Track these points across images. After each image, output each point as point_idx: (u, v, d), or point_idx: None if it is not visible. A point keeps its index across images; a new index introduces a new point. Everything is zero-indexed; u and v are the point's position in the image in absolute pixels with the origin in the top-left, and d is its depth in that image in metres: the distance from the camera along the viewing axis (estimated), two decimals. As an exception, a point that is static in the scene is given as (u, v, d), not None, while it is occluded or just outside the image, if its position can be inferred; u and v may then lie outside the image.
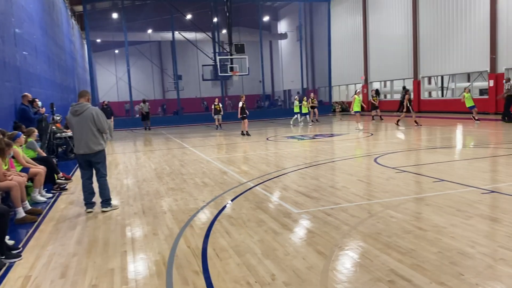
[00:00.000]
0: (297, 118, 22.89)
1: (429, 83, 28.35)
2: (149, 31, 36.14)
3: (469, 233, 4.56)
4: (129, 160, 12.21)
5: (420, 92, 27.08)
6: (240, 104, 18.04)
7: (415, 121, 18.16)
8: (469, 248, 4.13)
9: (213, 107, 23.09)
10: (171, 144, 16.14)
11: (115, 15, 30.81)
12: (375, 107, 23.24)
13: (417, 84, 26.85)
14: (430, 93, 28.82)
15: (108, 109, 18.25)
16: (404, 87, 27.69)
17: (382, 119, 22.74)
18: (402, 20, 28.01)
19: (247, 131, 18.00)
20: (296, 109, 22.73)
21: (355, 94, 18.36)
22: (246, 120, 18.01)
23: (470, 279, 3.48)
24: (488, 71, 21.91)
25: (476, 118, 18.14)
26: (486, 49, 21.81)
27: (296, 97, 24.45)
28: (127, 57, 28.25)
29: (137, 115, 27.59)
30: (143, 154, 13.54)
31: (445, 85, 27.84)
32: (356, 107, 17.88)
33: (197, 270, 4.00)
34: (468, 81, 25.35)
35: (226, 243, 4.69)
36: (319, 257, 4.13)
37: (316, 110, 23.70)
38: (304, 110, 22.29)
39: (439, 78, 27.36)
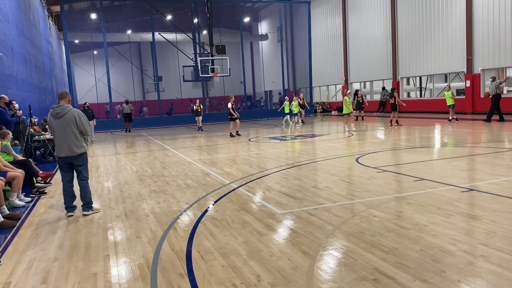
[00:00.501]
0: (287, 119, 22.84)
1: (408, 83, 28.83)
2: (129, 31, 35.75)
3: (450, 231, 4.65)
4: (109, 163, 12.05)
5: (399, 92, 27.50)
6: (230, 105, 17.81)
7: (396, 121, 18.44)
8: (450, 246, 4.21)
9: (194, 108, 22.95)
10: (152, 146, 15.99)
11: (93, 16, 30.40)
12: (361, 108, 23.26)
13: (396, 84, 27.25)
14: (408, 94, 29.30)
15: (89, 111, 17.95)
16: (383, 88, 28.12)
17: (363, 120, 23.00)
18: (381, 21, 28.42)
19: (237, 132, 17.92)
20: (287, 110, 22.53)
21: (346, 95, 18.11)
22: (238, 121, 17.88)
23: (452, 276, 3.55)
24: (465, 71, 22.40)
25: (452, 117, 18.59)
26: (463, 50, 22.31)
27: (286, 97, 24.29)
28: (106, 58, 27.89)
29: (118, 116, 27.24)
30: (123, 157, 13.38)
31: (423, 85, 28.35)
32: (346, 109, 17.49)
33: (181, 273, 3.97)
34: (446, 81, 25.86)
35: (210, 245, 4.67)
36: (304, 257, 4.15)
37: (303, 111, 23.65)
38: (295, 110, 22.04)
39: (418, 78, 27.85)
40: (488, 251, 4.01)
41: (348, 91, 19.56)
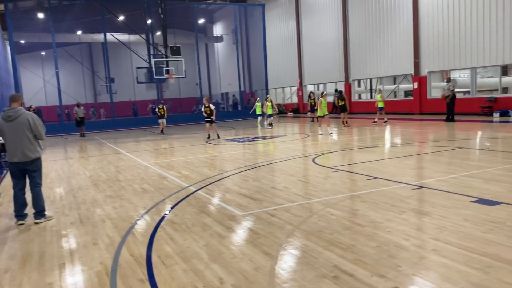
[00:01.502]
0: (262, 120, 22.57)
1: (359, 85, 29.73)
2: (79, 32, 34.57)
3: (403, 227, 4.85)
4: (61, 168, 11.61)
5: (351, 94, 28.33)
6: (213, 106, 17.10)
7: (346, 121, 19.02)
8: (404, 241, 4.40)
9: (157, 110, 22.17)
10: (105, 150, 15.56)
11: (41, 15, 29.14)
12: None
13: (348, 87, 28.04)
14: (360, 95, 30.22)
15: (37, 114, 17.16)
16: (336, 89, 28.82)
17: (318, 121, 23.19)
18: (333, 25, 29.16)
19: (217, 134, 17.18)
20: (258, 111, 22.16)
21: (321, 96, 17.37)
22: (214, 124, 17.16)
23: (406, 270, 3.72)
24: (412, 74, 23.41)
25: (378, 119, 19.29)
26: (410, 54, 23.31)
27: (258, 98, 23.87)
28: (56, 59, 26.79)
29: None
30: (76, 161, 12.93)
31: (373, 87, 29.32)
32: (321, 111, 16.95)
33: (142, 279, 3.91)
34: (395, 83, 26.89)
35: (171, 249, 4.62)
36: (266, 258, 4.20)
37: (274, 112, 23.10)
38: (269, 111, 21.48)
39: (368, 81, 28.79)
40: (439, 245, 4.23)
41: (325, 92, 19.52)
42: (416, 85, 23.32)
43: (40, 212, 6.09)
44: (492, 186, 6.45)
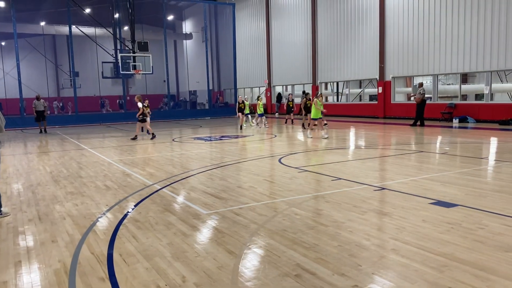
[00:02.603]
0: (250, 119, 22.25)
1: (326, 88, 30.21)
2: (43, 23, 33.45)
3: (365, 227, 4.97)
4: (20, 163, 11.19)
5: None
6: (140, 104, 16.29)
7: (308, 124, 18.38)
8: (365, 241, 4.51)
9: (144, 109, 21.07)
10: (67, 146, 15.12)
11: (2, 3, 27.99)
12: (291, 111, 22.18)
13: (315, 89, 28.42)
14: (326, 98, 30.66)
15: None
16: (304, 92, 29.14)
17: (293, 123, 22.85)
18: (302, 28, 29.49)
19: (151, 132, 16.76)
20: (260, 111, 20.91)
21: (316, 97, 16.34)
22: (147, 123, 16.52)
23: (366, 269, 3.81)
24: (378, 78, 24.01)
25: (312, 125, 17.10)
26: (376, 59, 23.91)
27: (261, 97, 22.43)
28: (17, 51, 25.74)
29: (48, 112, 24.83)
30: (36, 156, 12.50)
31: (340, 90, 29.87)
32: (317, 113, 15.91)
33: (102, 277, 3.83)
34: (360, 87, 27.48)
35: (133, 247, 4.55)
36: (230, 256, 4.20)
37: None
38: (259, 111, 20.67)
39: (335, 84, 29.29)
40: (398, 245, 4.36)
41: (319, 92, 17.69)
42: (380, 90, 23.92)
43: (-5, 208, 5.87)
44: (449, 189, 6.71)
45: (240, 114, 20.80)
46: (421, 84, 19.34)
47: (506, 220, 5.09)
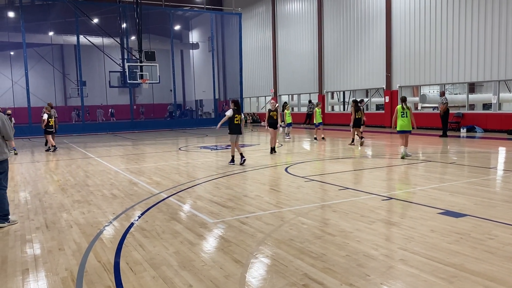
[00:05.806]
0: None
1: (332, 97, 30.22)
2: (51, 33, 33.84)
3: (373, 237, 4.93)
4: (27, 171, 11.26)
5: (324, 106, 28.73)
6: (45, 116, 15.42)
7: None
8: (373, 251, 4.47)
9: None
10: (74, 154, 15.20)
11: (11, 14, 28.40)
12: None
13: (321, 98, 28.43)
14: (333, 107, 30.70)
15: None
16: (310, 101, 29.23)
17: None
18: (309, 38, 29.59)
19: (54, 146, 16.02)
20: (288, 120, 19.27)
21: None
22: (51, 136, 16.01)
23: (375, 279, 3.77)
24: (384, 88, 23.97)
25: (316, 137, 17.64)
26: (383, 68, 23.89)
27: (287, 105, 20.73)
28: (25, 60, 26.05)
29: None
30: (43, 165, 12.57)
31: (346, 100, 29.86)
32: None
33: (109, 285, 3.82)
34: (367, 96, 27.46)
35: (140, 256, 4.54)
36: (236, 266, 4.17)
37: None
38: (288, 120, 19.12)
39: (341, 93, 29.28)
40: (406, 255, 4.32)
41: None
42: (387, 99, 23.87)
43: (4, 216, 5.87)
44: (458, 199, 6.65)
45: (271, 129, 13.50)
46: (443, 93, 18.37)
47: (516, 230, 5.03)
